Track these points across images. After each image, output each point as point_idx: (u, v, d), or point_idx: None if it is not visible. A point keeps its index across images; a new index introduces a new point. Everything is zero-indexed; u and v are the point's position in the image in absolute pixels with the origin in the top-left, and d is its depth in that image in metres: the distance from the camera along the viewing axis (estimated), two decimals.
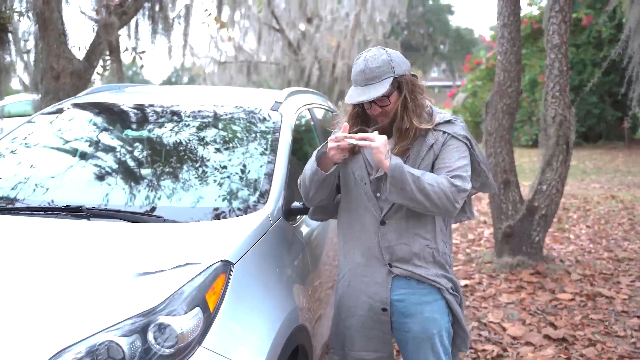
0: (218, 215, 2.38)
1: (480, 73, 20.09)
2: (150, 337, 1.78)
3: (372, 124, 2.30)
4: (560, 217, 7.88)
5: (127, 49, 6.97)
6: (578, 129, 7.94)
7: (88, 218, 2.33)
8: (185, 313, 1.84)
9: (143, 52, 7.05)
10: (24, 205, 2.48)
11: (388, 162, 2.07)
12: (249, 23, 16.51)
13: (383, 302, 2.27)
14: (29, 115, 3.37)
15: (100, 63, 6.36)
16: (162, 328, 1.79)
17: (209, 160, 2.72)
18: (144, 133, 2.94)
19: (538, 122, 16.13)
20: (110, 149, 2.88)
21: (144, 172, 2.72)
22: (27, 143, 2.95)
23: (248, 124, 2.91)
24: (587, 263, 5.85)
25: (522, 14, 6.44)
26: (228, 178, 2.62)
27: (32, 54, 5.63)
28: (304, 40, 16.62)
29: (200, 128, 2.92)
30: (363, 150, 2.28)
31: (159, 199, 2.50)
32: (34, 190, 2.60)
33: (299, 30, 16.83)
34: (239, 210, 2.40)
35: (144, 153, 2.85)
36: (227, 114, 3.01)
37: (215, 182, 2.61)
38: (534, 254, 5.56)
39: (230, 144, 2.83)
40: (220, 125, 2.94)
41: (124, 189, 2.60)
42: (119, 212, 2.37)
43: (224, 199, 2.49)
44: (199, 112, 3.02)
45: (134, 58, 7.02)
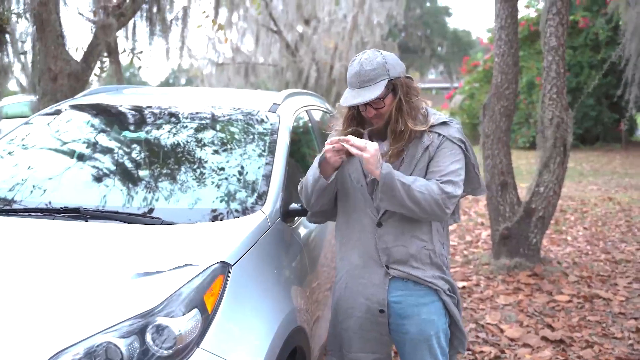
0: (216, 217, 2.38)
1: (478, 75, 20.13)
2: (149, 338, 1.78)
3: (367, 126, 2.31)
4: (558, 219, 7.89)
5: (124, 50, 6.98)
6: (575, 131, 7.96)
7: (86, 219, 2.32)
8: (184, 314, 1.84)
9: (141, 52, 7.05)
10: (22, 207, 2.47)
11: (379, 171, 2.09)
12: (247, 25, 16.52)
13: (380, 303, 2.27)
14: (27, 117, 3.36)
15: (98, 64, 6.36)
16: (160, 329, 1.79)
17: (207, 162, 2.72)
18: (142, 134, 2.94)
19: (535, 124, 16.15)
20: (108, 151, 2.88)
21: (142, 173, 2.71)
22: (24, 144, 2.95)
23: (246, 126, 2.91)
24: (584, 265, 5.86)
25: (519, 17, 6.45)
26: (226, 180, 2.62)
27: (29, 56, 5.62)
28: (302, 42, 16.62)
29: (198, 129, 2.92)
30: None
31: (157, 201, 2.50)
32: (32, 192, 2.59)
33: (297, 32, 16.82)
34: (237, 212, 2.40)
35: (142, 154, 2.85)
36: (225, 116, 3.00)
37: (213, 183, 2.60)
38: (532, 256, 5.57)
39: (228, 146, 2.83)
40: (218, 127, 2.94)
41: (122, 191, 2.59)
42: (117, 213, 2.37)
43: (222, 201, 2.49)
44: (197, 113, 3.02)
45: (132, 59, 7.02)
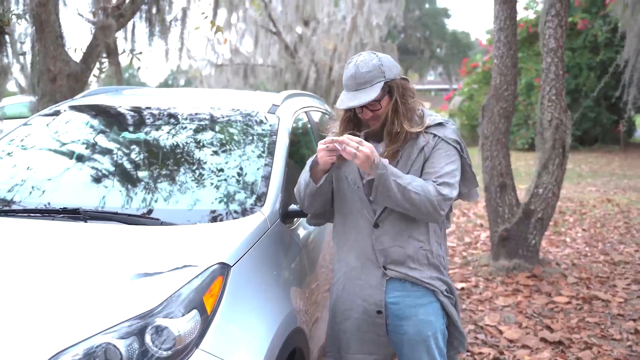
0: (215, 218, 2.38)
1: (477, 76, 20.15)
2: (148, 339, 1.78)
3: (363, 128, 2.32)
4: (557, 220, 7.90)
5: (124, 51, 6.97)
6: (574, 133, 7.97)
7: (85, 220, 2.32)
8: (183, 315, 1.84)
9: (140, 53, 7.04)
10: (21, 207, 2.47)
11: (374, 172, 2.09)
12: (246, 26, 16.52)
13: (378, 304, 2.28)
14: (26, 118, 3.36)
15: (97, 65, 6.36)
16: (159, 330, 1.79)
17: (206, 163, 2.72)
18: (141, 135, 2.94)
19: (534, 125, 16.15)
20: (108, 152, 2.88)
21: (141, 174, 2.71)
22: (24, 145, 2.95)
23: (245, 127, 2.91)
24: (583, 266, 5.86)
25: (518, 18, 6.46)
26: (225, 181, 2.62)
27: (28, 56, 5.62)
28: (301, 43, 16.62)
29: (198, 131, 2.92)
30: None
31: (156, 202, 2.50)
32: (31, 193, 2.59)
33: (296, 33, 16.82)
34: (236, 213, 2.40)
35: (141, 155, 2.85)
36: (224, 117, 3.00)
37: (213, 184, 2.60)
38: (531, 257, 5.57)
39: (228, 147, 2.83)
40: (218, 128, 2.94)
41: (121, 192, 2.59)
42: (116, 214, 2.36)
43: (221, 202, 2.49)
44: (196, 114, 3.02)
45: (131, 60, 7.02)
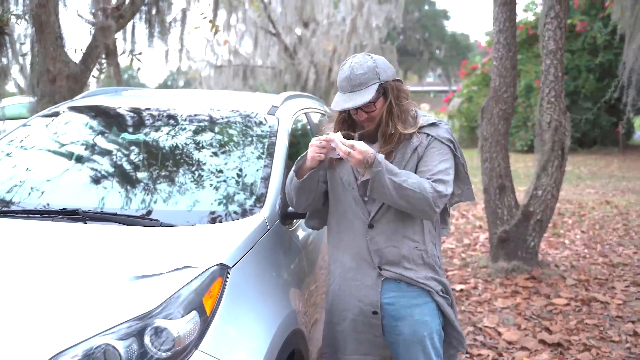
0: (215, 219, 2.38)
1: (476, 78, 20.18)
2: (147, 340, 1.77)
3: (358, 129, 2.32)
4: (556, 222, 7.90)
5: (123, 52, 6.97)
6: (573, 135, 7.97)
7: (84, 221, 2.32)
8: (182, 316, 1.84)
9: (139, 53, 7.05)
10: (21, 208, 2.47)
11: (369, 170, 2.09)
12: (245, 27, 16.53)
13: (373, 305, 2.28)
14: (25, 118, 3.36)
15: (97, 66, 6.36)
16: (158, 331, 1.79)
17: (206, 164, 2.72)
18: (141, 136, 2.94)
19: (533, 127, 16.19)
20: (107, 153, 2.88)
21: (141, 175, 2.71)
22: (23, 146, 2.95)
23: (245, 128, 2.91)
24: (582, 268, 5.86)
25: (517, 20, 6.47)
26: (225, 182, 2.62)
27: (28, 57, 5.62)
28: (300, 45, 16.63)
29: (197, 132, 2.92)
30: None
31: (155, 203, 2.49)
32: (30, 193, 2.59)
33: (295, 35, 16.84)
34: (236, 214, 2.40)
35: (141, 156, 2.85)
36: (223, 118, 3.01)
37: (212, 185, 2.60)
38: (529, 259, 5.57)
39: (227, 148, 2.84)
40: (217, 129, 2.94)
41: (121, 192, 2.59)
42: (116, 215, 2.36)
43: (221, 203, 2.49)
44: (196, 115, 3.02)
45: (131, 61, 7.02)
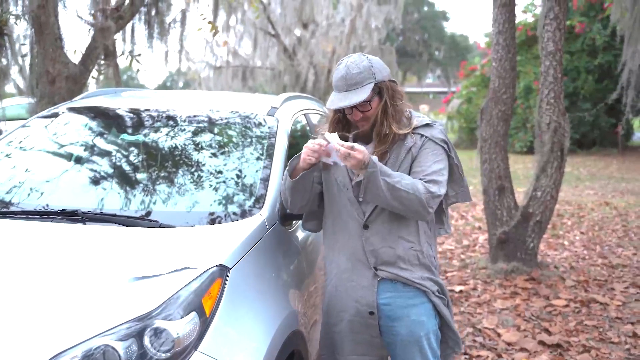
0: (214, 220, 2.38)
1: (475, 79, 20.20)
2: (147, 341, 1.77)
3: (352, 129, 2.32)
4: (555, 223, 7.90)
5: (123, 53, 6.97)
6: (572, 136, 7.98)
7: (84, 222, 2.32)
8: (182, 317, 1.84)
9: (139, 55, 7.05)
10: (20, 209, 2.47)
11: (364, 171, 2.10)
12: (245, 28, 16.54)
13: (370, 305, 2.28)
14: (24, 119, 3.36)
15: (96, 67, 6.36)
16: (158, 332, 1.79)
17: (205, 165, 2.72)
18: (140, 137, 2.94)
19: (532, 128, 16.21)
20: (106, 154, 2.88)
21: (140, 176, 2.71)
22: (22, 147, 2.95)
23: (244, 129, 2.92)
24: (581, 269, 5.87)
25: (517, 21, 6.47)
26: (224, 183, 2.62)
27: (27, 58, 5.62)
28: (300, 46, 16.65)
29: (196, 133, 2.92)
30: None
31: (155, 204, 2.49)
32: (30, 194, 2.59)
33: (295, 36, 16.86)
34: (235, 215, 2.40)
35: (140, 157, 2.85)
36: (223, 119, 3.01)
37: (211, 186, 2.60)
38: (529, 260, 5.57)
39: (226, 149, 2.84)
40: (216, 130, 2.94)
41: (120, 193, 2.59)
42: (115, 216, 2.36)
43: (220, 204, 2.49)
44: (195, 116, 3.02)
45: (131, 62, 7.02)
